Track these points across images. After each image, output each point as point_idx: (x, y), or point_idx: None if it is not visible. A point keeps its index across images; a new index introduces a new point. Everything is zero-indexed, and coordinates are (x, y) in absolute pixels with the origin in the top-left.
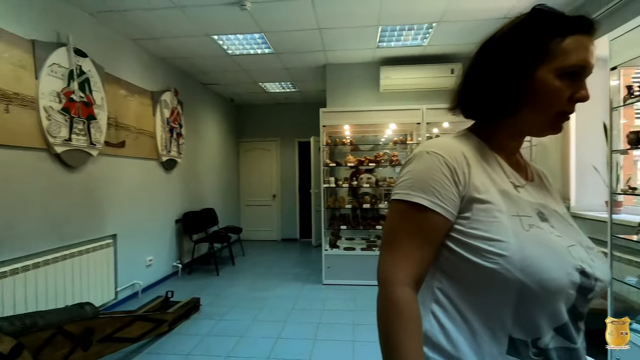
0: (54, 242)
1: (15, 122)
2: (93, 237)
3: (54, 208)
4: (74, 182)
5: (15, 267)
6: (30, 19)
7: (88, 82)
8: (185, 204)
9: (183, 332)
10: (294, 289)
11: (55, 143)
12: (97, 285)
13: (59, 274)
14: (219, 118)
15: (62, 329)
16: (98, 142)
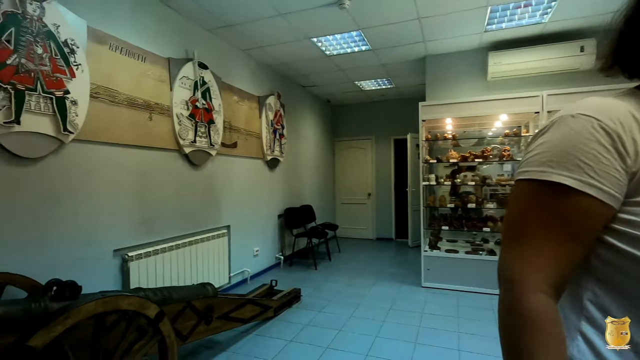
0: (183, 230)
1: (156, 128)
2: (212, 227)
3: (183, 200)
4: (198, 179)
5: (157, 248)
6: (165, 40)
7: (209, 91)
8: (286, 200)
9: (286, 319)
10: (391, 288)
11: (184, 144)
12: (215, 269)
13: (186, 257)
14: (316, 119)
15: (191, 303)
16: (216, 143)
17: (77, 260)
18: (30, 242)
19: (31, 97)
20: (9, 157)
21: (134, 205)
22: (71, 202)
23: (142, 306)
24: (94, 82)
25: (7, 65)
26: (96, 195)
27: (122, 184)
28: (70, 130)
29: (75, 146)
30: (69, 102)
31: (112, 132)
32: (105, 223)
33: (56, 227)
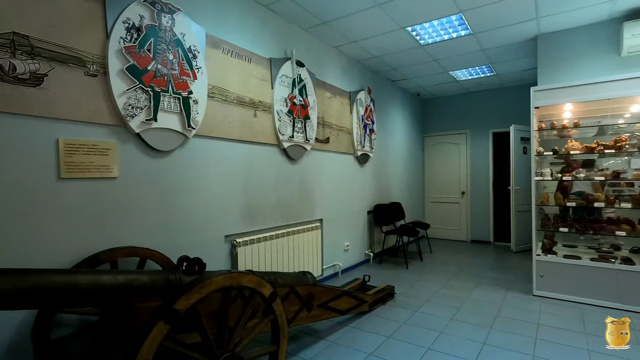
0: (281, 220)
1: (259, 124)
2: (306, 219)
3: (281, 192)
4: (294, 172)
5: (259, 237)
6: (267, 42)
7: (305, 88)
8: (375, 196)
9: (381, 315)
10: (494, 294)
11: (283, 140)
12: (309, 260)
13: (284, 247)
14: (405, 114)
15: (294, 289)
16: (311, 138)
17: (196, 243)
18: (161, 223)
19: (164, 98)
20: (148, 150)
21: (240, 195)
22: (192, 190)
23: (259, 284)
24: (210, 83)
25: (149, 70)
26: (211, 185)
27: (231, 176)
28: (193, 127)
29: (195, 141)
30: (192, 102)
31: (224, 128)
32: (218, 211)
33: (180, 212)
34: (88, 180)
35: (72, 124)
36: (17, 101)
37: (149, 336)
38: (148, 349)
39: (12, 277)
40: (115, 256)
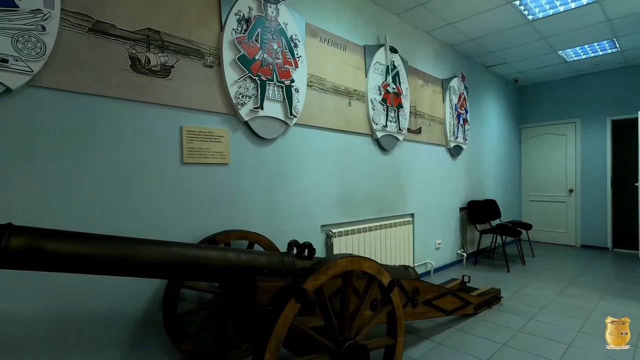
0: (373, 213)
1: (353, 113)
2: (398, 213)
3: (373, 184)
4: (386, 164)
5: (353, 228)
6: (361, 28)
7: (398, 75)
8: (468, 192)
9: (489, 319)
10: (629, 306)
11: (376, 129)
12: (400, 256)
13: (376, 240)
14: (500, 102)
15: (399, 282)
16: (404, 128)
17: (295, 231)
18: (265, 210)
19: (269, 87)
20: (254, 137)
21: (335, 185)
22: (291, 179)
23: (379, 272)
24: (309, 72)
25: (256, 60)
26: (308, 174)
27: (327, 166)
28: (294, 115)
29: (295, 129)
30: (294, 90)
31: (321, 117)
32: (315, 200)
33: (281, 200)
34: (205, 166)
35: (192, 112)
36: (151, 91)
37: (282, 314)
38: (281, 327)
39: (159, 247)
40: (229, 238)
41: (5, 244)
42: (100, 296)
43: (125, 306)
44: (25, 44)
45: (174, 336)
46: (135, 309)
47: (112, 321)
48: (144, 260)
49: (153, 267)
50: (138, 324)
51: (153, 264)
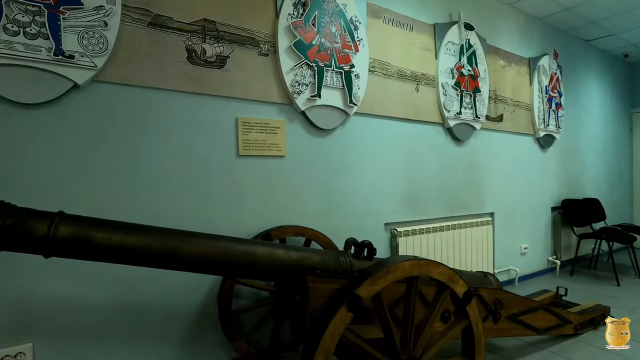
0: (445, 211)
1: (421, 99)
2: (474, 212)
3: (446, 179)
4: (460, 156)
5: (421, 228)
6: (430, 5)
7: (474, 55)
8: (562, 189)
9: (594, 343)
10: None
11: (449, 117)
12: (477, 260)
13: (449, 241)
14: (604, 82)
15: (478, 291)
16: (481, 115)
17: (355, 229)
18: (323, 205)
19: (327, 73)
20: (311, 128)
21: (401, 180)
22: (352, 173)
23: (452, 279)
24: (371, 56)
25: (313, 45)
26: (371, 168)
27: (392, 158)
28: (355, 103)
29: (356, 119)
30: (354, 76)
31: (384, 105)
32: (378, 196)
33: (340, 195)
34: (261, 158)
35: (247, 103)
36: (206, 82)
37: (331, 323)
38: (330, 338)
39: (205, 240)
40: (284, 234)
41: (54, 232)
42: (160, 287)
43: (183, 299)
44: (89, 40)
45: (229, 333)
46: (193, 302)
47: (170, 313)
48: (188, 255)
49: (197, 261)
50: (194, 317)
51: (197, 258)
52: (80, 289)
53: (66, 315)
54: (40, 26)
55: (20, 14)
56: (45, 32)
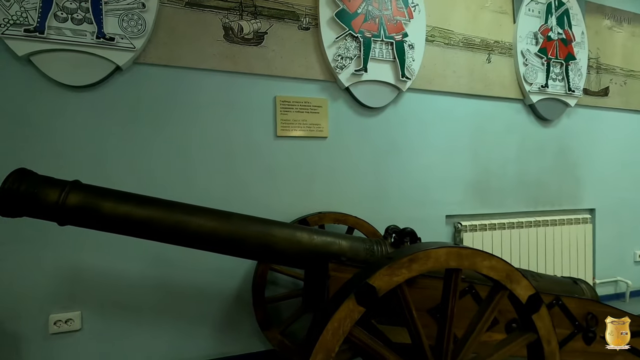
0: (524, 204)
1: (494, 72)
2: (567, 207)
3: (526, 165)
4: (547, 138)
5: (493, 222)
6: None
7: (567, 15)
8: None
9: None
10: None
11: (531, 91)
12: (570, 266)
13: (529, 240)
14: None
15: (561, 300)
16: (577, 88)
17: (410, 220)
18: (371, 191)
19: (375, 44)
20: (357, 107)
21: (468, 166)
22: (407, 156)
23: (510, 278)
24: (429, 24)
25: (358, 14)
26: (429, 151)
27: (455, 140)
28: (408, 77)
29: (410, 96)
30: (407, 46)
31: (446, 79)
32: (438, 183)
33: (392, 181)
34: (300, 139)
35: (286, 81)
36: (243, 60)
37: (334, 317)
38: (332, 336)
39: (215, 216)
40: (323, 220)
41: (64, 200)
42: (198, 269)
43: (220, 282)
44: (128, 22)
45: (262, 321)
46: (229, 286)
47: (206, 296)
48: (198, 230)
49: (207, 238)
50: (230, 302)
51: (207, 235)
52: (125, 265)
53: (111, 289)
54: (85, 11)
55: (68, 1)
56: (89, 17)
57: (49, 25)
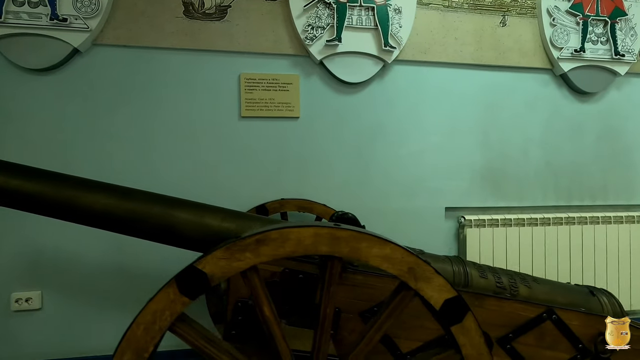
0: (554, 198)
1: (512, 36)
2: (615, 202)
3: (555, 150)
4: (586, 117)
5: (508, 218)
6: None
7: None
8: None
9: None
10: None
11: (561, 58)
12: (614, 276)
13: (561, 240)
14: None
15: (554, 312)
16: (628, 52)
17: (399, 212)
18: (351, 178)
19: (352, 11)
20: (334, 83)
21: (475, 150)
22: (396, 138)
23: (415, 273)
24: None
25: None
26: (424, 133)
27: (459, 120)
28: (392, 45)
29: (399, 69)
30: (391, 11)
31: (446, 48)
32: (436, 170)
33: (378, 166)
34: (267, 120)
35: (253, 57)
36: (205, 37)
37: (146, 308)
38: (144, 332)
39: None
40: (285, 207)
41: None
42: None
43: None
44: (82, 2)
45: (214, 314)
46: None
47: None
48: (89, 207)
49: (101, 217)
50: None
51: (100, 213)
52: (87, 248)
53: (72, 272)
54: None
55: None
56: None
57: (7, 10)
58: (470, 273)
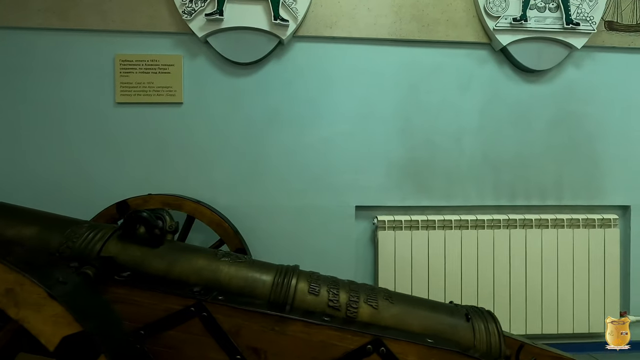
0: (491, 197)
1: (436, 7)
2: (572, 202)
3: (496, 139)
4: (535, 100)
5: (431, 219)
6: None
7: None
8: None
9: None
10: None
11: (497, 28)
12: (580, 288)
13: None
14: None
15: (382, 344)
16: (585, 20)
17: (300, 210)
18: (241, 173)
19: None
20: (227, 65)
21: (394, 138)
22: (295, 125)
23: (15, 296)
24: None
25: None
26: (332, 119)
27: (374, 105)
28: (285, 19)
29: (300, 46)
30: None
31: (356, 22)
32: (346, 162)
33: (273, 158)
34: (145, 106)
35: (129, 35)
36: (74, 15)
37: None
38: None
39: None
40: (149, 204)
41: None
42: None
43: None
44: None
45: None
46: None
47: None
48: None
49: None
50: None
51: None
52: None
53: None
54: None
55: None
56: None
57: None
58: (296, 286)
